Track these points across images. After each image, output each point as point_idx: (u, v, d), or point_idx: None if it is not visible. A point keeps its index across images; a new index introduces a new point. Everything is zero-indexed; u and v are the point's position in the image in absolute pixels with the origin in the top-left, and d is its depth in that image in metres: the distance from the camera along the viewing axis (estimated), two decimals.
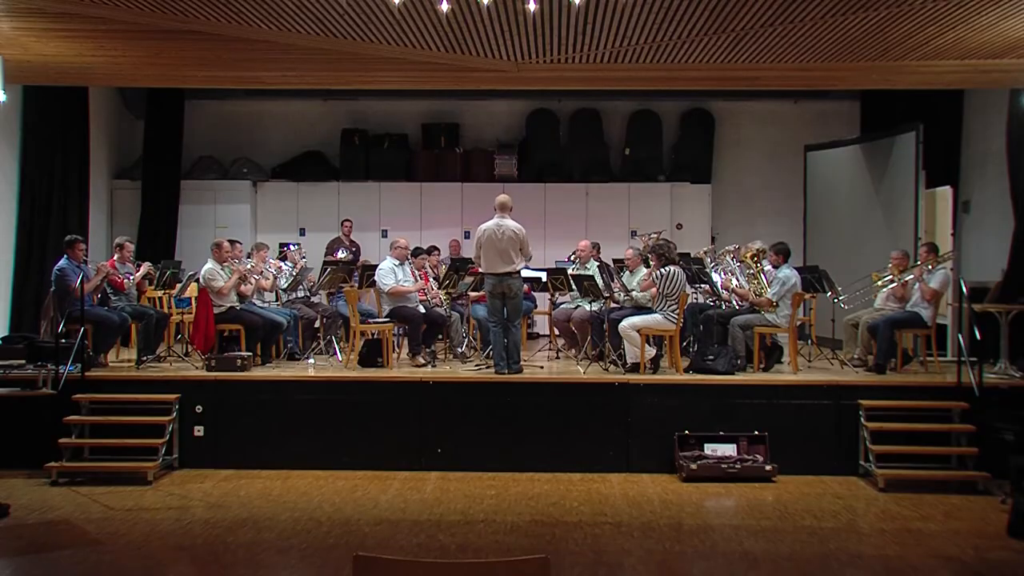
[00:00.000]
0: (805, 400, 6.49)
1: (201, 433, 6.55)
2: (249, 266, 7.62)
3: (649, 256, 7.37)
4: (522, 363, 7.00)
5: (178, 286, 7.87)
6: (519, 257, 6.79)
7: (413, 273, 7.85)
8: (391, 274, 7.60)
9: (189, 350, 7.68)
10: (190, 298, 8.21)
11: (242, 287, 7.52)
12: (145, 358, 7.18)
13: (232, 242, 7.73)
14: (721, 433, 6.40)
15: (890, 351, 7.03)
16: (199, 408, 6.56)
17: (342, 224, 10.40)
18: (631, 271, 7.80)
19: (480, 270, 6.98)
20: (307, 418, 6.58)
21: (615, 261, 8.62)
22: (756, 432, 6.38)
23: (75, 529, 5.14)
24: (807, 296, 7.84)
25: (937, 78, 7.08)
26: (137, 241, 9.92)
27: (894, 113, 9.45)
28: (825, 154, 10.06)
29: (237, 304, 7.42)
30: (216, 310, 7.23)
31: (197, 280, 7.55)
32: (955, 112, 9.25)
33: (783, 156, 11.04)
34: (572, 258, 8.67)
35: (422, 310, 7.69)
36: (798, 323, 7.55)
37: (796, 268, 7.34)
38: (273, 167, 11.19)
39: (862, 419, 6.36)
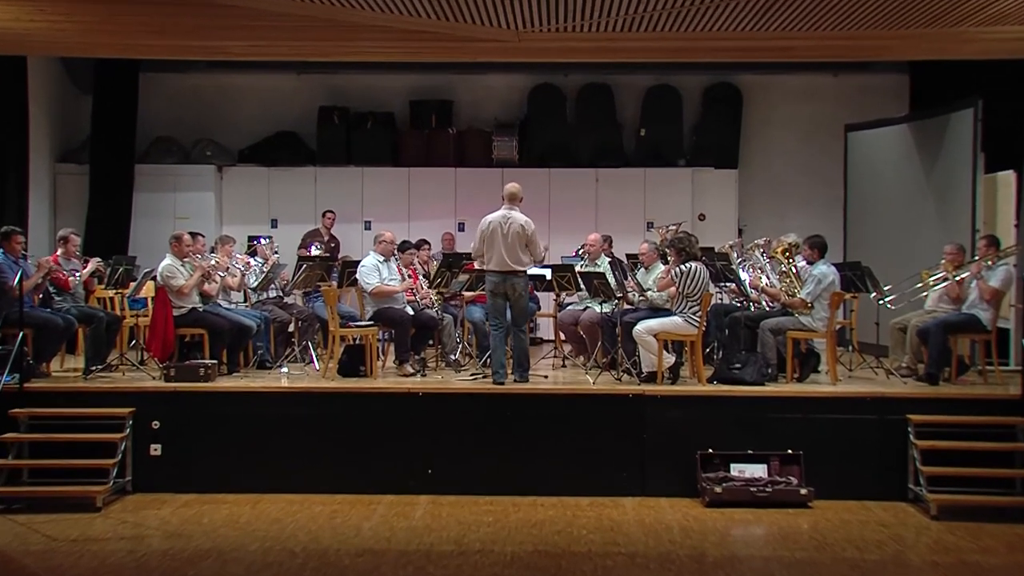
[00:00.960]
0: (845, 415, 6.48)
1: (158, 452, 6.54)
2: (214, 262, 7.61)
3: (667, 251, 7.36)
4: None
5: (132, 285, 7.86)
6: (526, 255, 6.82)
7: (400, 270, 7.84)
8: (375, 271, 7.59)
9: (145, 358, 7.67)
10: (146, 298, 8.20)
11: (205, 286, 7.51)
12: (94, 367, 7.16)
13: (194, 235, 7.71)
14: (750, 452, 6.39)
15: (943, 359, 7.02)
16: (156, 424, 6.55)
17: (323, 216, 10.39)
18: (647, 268, 7.79)
19: (478, 266, 6.97)
20: (280, 435, 6.57)
21: (629, 257, 8.60)
22: (789, 451, 6.37)
23: (12, 563, 5.12)
24: (847, 296, 7.82)
25: (998, 46, 7.05)
26: (84, 233, 9.92)
27: (948, 87, 9.42)
28: (869, 135, 10.05)
29: (200, 305, 7.41)
30: (176, 312, 7.22)
31: (154, 278, 7.54)
32: (1019, 86, 9.22)
33: (820, 137, 11.03)
34: (580, 253, 8.66)
35: (410, 312, 7.68)
36: (837, 327, 7.53)
37: (834, 264, 7.33)
38: (241, 150, 11.18)
39: (911, 437, 6.35)
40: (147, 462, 6.52)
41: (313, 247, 9.21)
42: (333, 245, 10.11)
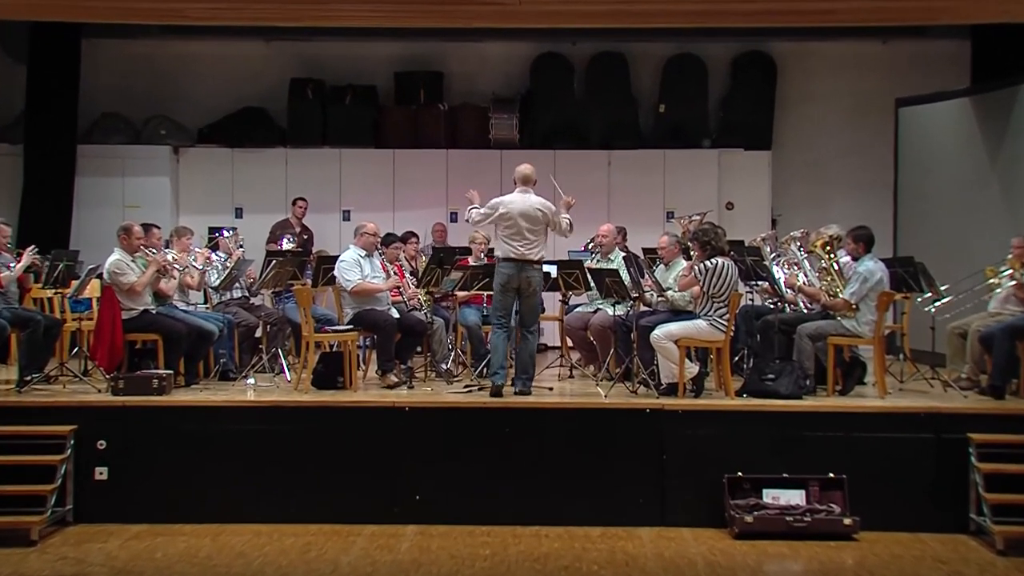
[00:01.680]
0: (896, 433, 6.48)
1: (104, 476, 6.53)
2: (170, 257, 7.61)
3: (690, 244, 7.36)
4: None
5: (74, 283, 7.85)
6: (543, 242, 6.95)
7: (384, 267, 7.84)
8: (355, 268, 7.60)
9: (89, 367, 7.66)
10: (90, 299, 8.20)
11: (160, 285, 7.51)
12: (29, 377, 7.16)
13: (146, 226, 7.71)
14: (785, 475, 6.39)
15: (1010, 369, 7.02)
16: (102, 444, 6.54)
17: (294, 204, 10.41)
18: (667, 264, 7.80)
19: (498, 255, 7.02)
20: (246, 456, 6.56)
21: (646, 251, 8.60)
22: (831, 475, 6.36)
23: None
24: (898, 296, 7.83)
25: None
26: (18, 224, 9.93)
27: (1016, 55, 9.42)
28: (923, 110, 10.06)
29: (153, 307, 7.41)
30: (125, 315, 7.22)
31: (99, 275, 7.54)
32: None
33: (867, 113, 11.05)
34: (590, 247, 8.66)
35: (395, 315, 7.68)
36: (886, 332, 7.53)
37: (883, 260, 7.33)
38: (200, 128, 11.19)
39: (973, 459, 6.34)
40: (91, 488, 6.51)
41: (285, 240, 9.22)
42: (306, 237, 10.13)
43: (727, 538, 6.21)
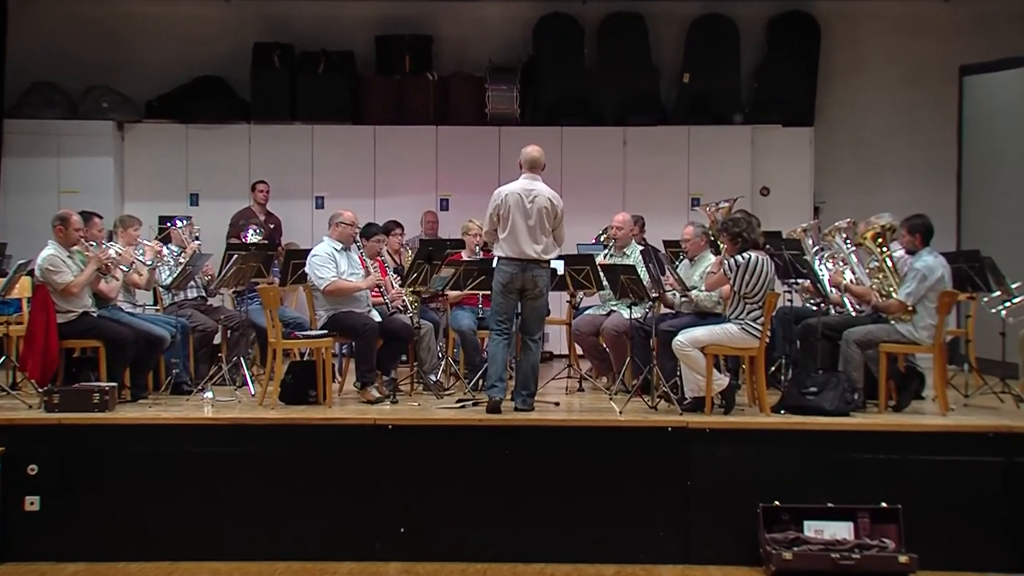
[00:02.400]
0: (959, 455, 6.47)
1: (36, 507, 6.52)
2: (113, 252, 7.60)
3: (719, 236, 7.35)
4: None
5: (1, 282, 7.84)
6: (551, 239, 6.93)
7: (363, 262, 7.84)
8: (330, 263, 7.59)
9: (18, 379, 7.64)
10: (20, 300, 8.18)
11: (102, 284, 7.50)
12: None
13: (86, 215, 7.70)
14: (830, 505, 6.38)
15: None
16: (33, 469, 6.52)
17: (253, 190, 10.41)
18: (692, 259, 7.80)
19: (495, 253, 7.01)
20: (202, 483, 6.56)
21: (667, 244, 8.60)
22: (883, 504, 6.36)
23: None
24: (961, 297, 7.82)
25: None
26: None
27: None
28: (991, 79, 10.04)
29: (94, 309, 7.40)
30: (61, 318, 7.21)
31: (31, 273, 7.52)
32: None
33: (926, 83, 11.05)
34: (603, 239, 8.65)
35: (377, 318, 7.68)
36: (947, 338, 7.53)
37: (944, 254, 7.33)
38: (149, 101, 11.18)
39: None
40: (21, 520, 6.49)
41: (250, 231, 9.21)
42: (272, 227, 10.11)
43: None
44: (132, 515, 6.53)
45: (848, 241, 7.69)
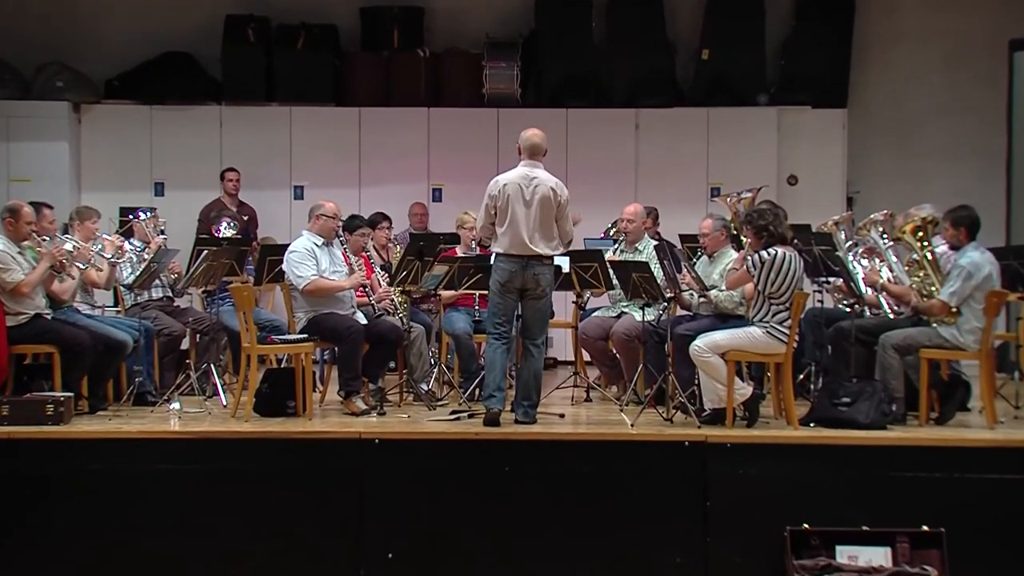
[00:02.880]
0: (1008, 473, 6.47)
1: None
2: (69, 247, 7.59)
3: (742, 230, 7.35)
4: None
5: None
6: (555, 233, 6.92)
7: (347, 259, 7.84)
8: (309, 260, 7.59)
9: None
10: None
11: (56, 284, 7.49)
12: None
13: (38, 206, 7.69)
14: (865, 529, 6.38)
15: None
16: None
17: (223, 179, 10.41)
18: (711, 255, 7.80)
19: (496, 248, 7.00)
20: (169, 504, 6.56)
21: (684, 239, 8.61)
22: (925, 528, 6.36)
23: None
24: (1011, 297, 7.81)
25: None
26: None
27: None
28: None
29: (47, 311, 7.40)
30: (11, 321, 7.20)
31: None
32: None
33: (973, 59, 11.04)
34: (612, 233, 8.65)
35: (362, 320, 7.68)
36: (995, 343, 7.52)
37: (991, 250, 7.32)
38: (109, 80, 11.17)
39: None
40: None
41: (224, 225, 9.19)
42: (246, 219, 10.10)
43: None
44: (89, 541, 6.52)
45: (885, 235, 7.69)
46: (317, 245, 7.68)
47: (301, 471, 6.60)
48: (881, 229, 7.73)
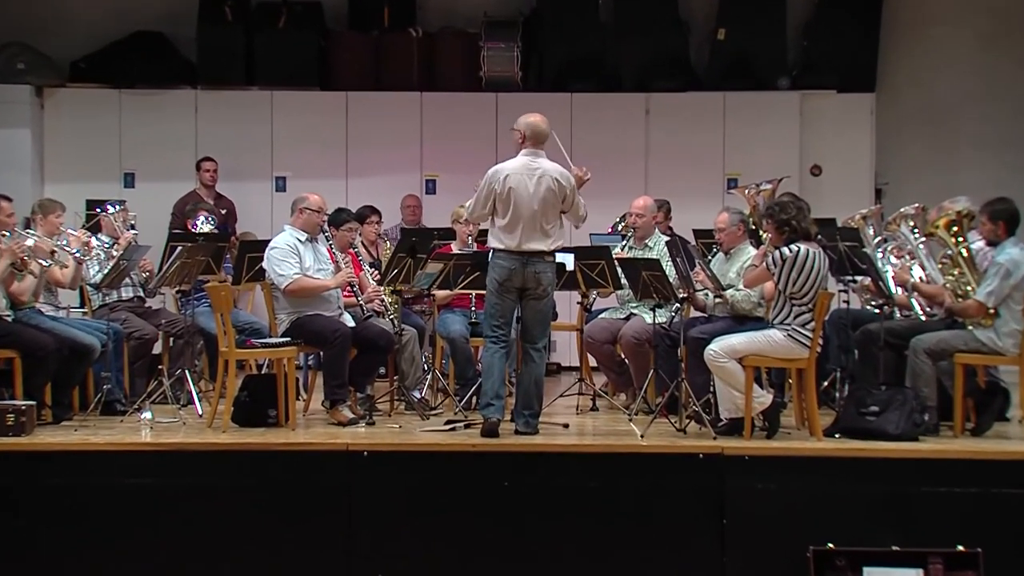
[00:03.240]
0: None
1: None
2: (30, 243, 7.59)
3: (762, 224, 7.35)
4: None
5: None
6: (559, 226, 6.94)
7: (333, 256, 7.84)
8: (292, 257, 7.58)
9: None
10: None
11: (15, 283, 7.49)
12: None
13: None
14: (895, 549, 6.39)
15: None
16: None
17: (199, 169, 10.41)
18: (727, 252, 7.80)
19: (493, 244, 6.99)
20: (139, 522, 6.55)
21: (698, 235, 8.60)
22: (960, 548, 6.36)
23: None
24: None
25: None
26: None
27: None
28: None
29: (8, 312, 7.40)
30: None
31: None
32: None
33: (1011, 41, 11.05)
34: (621, 228, 8.64)
35: (350, 322, 7.68)
36: None
37: None
38: (74, 61, 11.17)
39: None
40: None
41: (202, 219, 9.18)
42: (224, 212, 10.10)
43: None
44: (53, 560, 6.52)
45: (916, 231, 7.70)
46: (300, 241, 7.68)
47: (283, 486, 6.60)
48: (912, 224, 7.74)
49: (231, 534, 6.55)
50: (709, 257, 7.83)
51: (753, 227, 7.81)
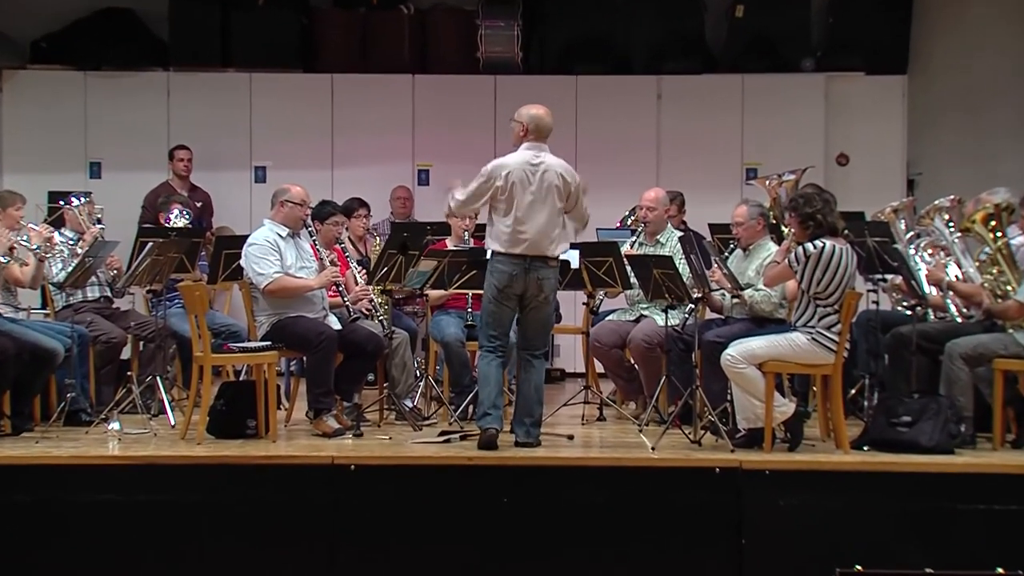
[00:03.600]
0: None
1: None
2: None
3: (783, 217, 7.34)
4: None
5: None
6: (563, 227, 6.95)
7: (317, 253, 7.84)
8: (272, 255, 7.57)
9: None
10: None
11: None
12: None
13: None
14: (929, 572, 6.37)
15: None
16: None
17: (171, 158, 10.42)
18: (745, 248, 7.80)
19: (491, 246, 6.99)
20: (107, 541, 6.54)
21: (714, 230, 8.60)
22: (1000, 570, 6.35)
23: None
24: None
25: None
26: None
27: None
28: None
29: None
30: None
31: None
32: None
33: None
34: (630, 222, 8.64)
35: (335, 325, 7.68)
36: None
37: None
38: (35, 41, 11.18)
39: None
40: None
41: (175, 212, 9.18)
42: (200, 205, 10.10)
43: None
44: None
45: (952, 225, 7.69)
46: (281, 236, 7.66)
47: (263, 504, 6.59)
48: (948, 217, 7.72)
49: (205, 555, 6.54)
50: (726, 253, 7.84)
51: (774, 222, 7.80)
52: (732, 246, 7.94)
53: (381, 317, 7.95)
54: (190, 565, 6.54)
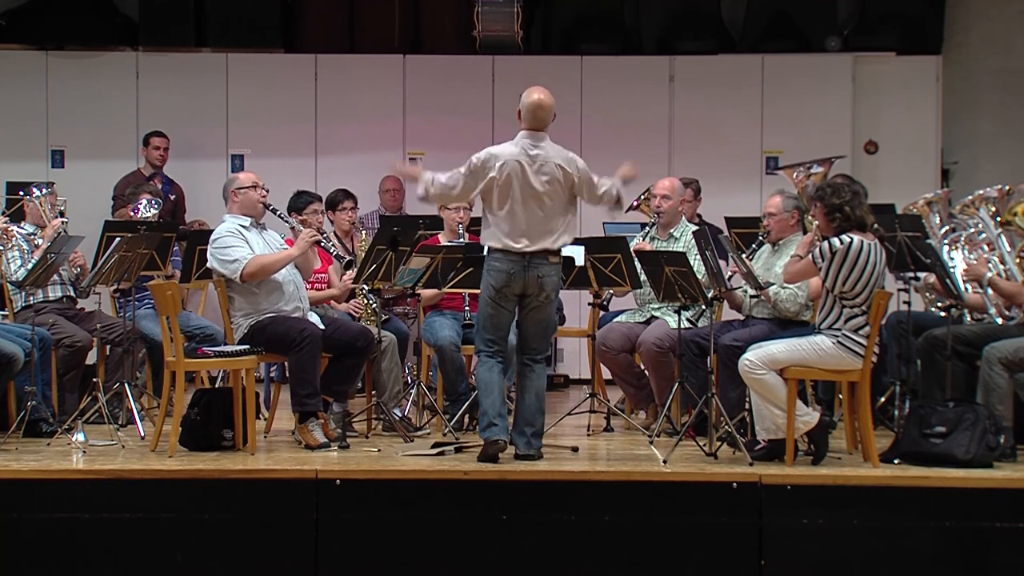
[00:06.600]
0: None
1: None
2: None
3: (808, 209, 7.35)
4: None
5: None
6: (566, 221, 6.94)
7: (290, 241, 7.83)
8: (238, 241, 7.57)
9: None
10: None
11: None
12: None
13: None
14: None
15: None
16: None
17: (146, 145, 10.44)
18: (775, 243, 7.79)
19: (488, 242, 6.99)
20: (71, 562, 6.55)
21: (731, 223, 8.60)
22: None
23: None
24: None
25: None
26: None
27: None
28: None
29: None
30: None
31: None
32: None
33: None
34: (640, 206, 8.63)
35: (320, 325, 7.69)
36: None
37: None
38: None
39: None
40: None
41: (144, 203, 9.19)
42: (173, 198, 10.10)
43: None
44: None
45: (994, 219, 7.68)
46: (245, 227, 7.64)
47: (240, 521, 6.59)
48: (994, 209, 7.69)
49: None
50: (754, 246, 7.79)
51: (800, 214, 7.78)
52: (760, 238, 7.81)
53: (369, 318, 7.95)
54: None
